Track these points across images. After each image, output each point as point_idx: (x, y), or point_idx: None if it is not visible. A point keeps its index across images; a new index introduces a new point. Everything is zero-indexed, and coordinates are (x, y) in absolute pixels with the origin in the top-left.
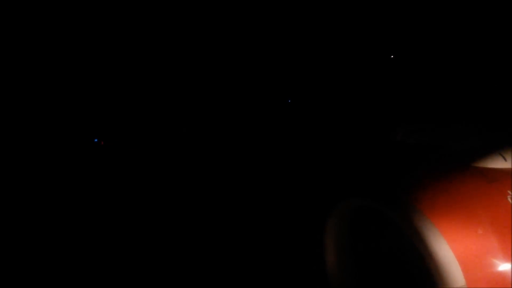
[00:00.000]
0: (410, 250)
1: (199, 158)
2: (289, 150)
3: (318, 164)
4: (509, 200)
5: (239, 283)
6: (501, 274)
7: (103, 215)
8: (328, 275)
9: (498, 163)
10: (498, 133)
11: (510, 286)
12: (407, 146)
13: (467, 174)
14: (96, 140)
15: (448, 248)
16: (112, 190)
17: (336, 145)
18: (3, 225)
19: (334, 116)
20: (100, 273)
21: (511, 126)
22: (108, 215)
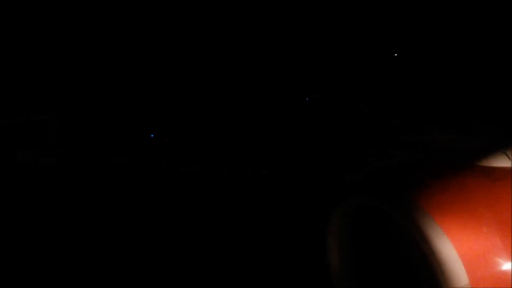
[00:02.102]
0: (413, 249)
1: (204, 156)
2: (291, 148)
3: (321, 163)
4: None
5: (242, 283)
6: (505, 274)
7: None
8: (331, 274)
9: (502, 162)
10: (503, 132)
11: None
12: (410, 145)
13: (471, 173)
14: (152, 135)
15: (452, 247)
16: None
17: (340, 144)
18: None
19: (337, 114)
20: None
21: None
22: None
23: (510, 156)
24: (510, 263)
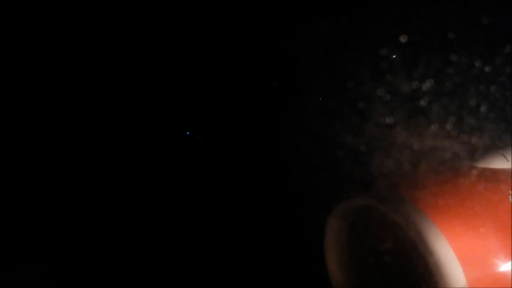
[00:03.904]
0: (411, 249)
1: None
2: (292, 151)
3: (320, 165)
4: (510, 200)
5: (242, 282)
6: (503, 274)
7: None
8: (329, 274)
9: (500, 163)
10: (500, 133)
11: (511, 286)
12: (408, 147)
13: (469, 174)
14: (188, 133)
15: (449, 247)
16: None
17: (338, 146)
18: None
19: (337, 117)
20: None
21: None
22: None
23: (507, 158)
24: (507, 264)
